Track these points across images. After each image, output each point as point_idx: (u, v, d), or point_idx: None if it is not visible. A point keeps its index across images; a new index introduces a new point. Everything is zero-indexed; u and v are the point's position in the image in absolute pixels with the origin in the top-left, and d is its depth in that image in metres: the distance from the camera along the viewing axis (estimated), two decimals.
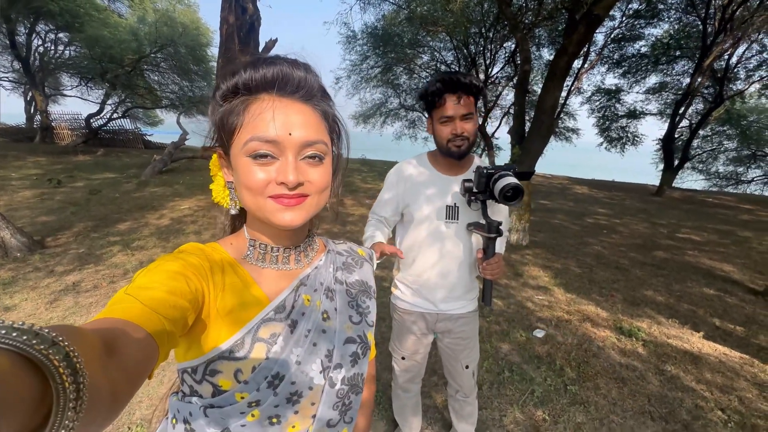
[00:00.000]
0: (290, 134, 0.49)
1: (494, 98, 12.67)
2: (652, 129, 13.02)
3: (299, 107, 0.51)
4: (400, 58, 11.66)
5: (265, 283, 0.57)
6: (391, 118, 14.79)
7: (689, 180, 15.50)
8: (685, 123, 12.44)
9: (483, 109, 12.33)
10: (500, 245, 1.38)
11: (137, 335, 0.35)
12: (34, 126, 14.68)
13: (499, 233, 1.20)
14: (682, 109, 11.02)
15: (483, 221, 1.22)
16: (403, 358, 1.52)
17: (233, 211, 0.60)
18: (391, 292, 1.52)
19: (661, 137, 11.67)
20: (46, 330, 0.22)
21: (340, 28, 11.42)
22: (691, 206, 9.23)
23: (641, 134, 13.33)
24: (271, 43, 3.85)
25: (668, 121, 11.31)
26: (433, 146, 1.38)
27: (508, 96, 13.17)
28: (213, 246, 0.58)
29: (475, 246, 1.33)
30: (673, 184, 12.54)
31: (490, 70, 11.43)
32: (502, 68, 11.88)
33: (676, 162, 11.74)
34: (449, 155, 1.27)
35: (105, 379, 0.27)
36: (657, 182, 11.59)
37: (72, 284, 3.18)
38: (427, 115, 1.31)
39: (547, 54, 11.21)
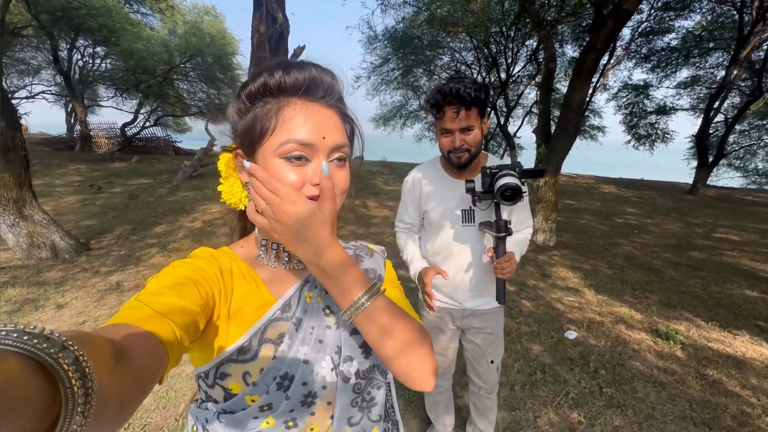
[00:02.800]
0: (324, 138, 0.50)
1: (516, 97, 12.50)
2: (684, 125, 12.51)
3: (327, 112, 0.52)
4: (420, 60, 11.69)
5: (275, 284, 0.58)
6: (411, 120, 14.84)
7: (725, 177, 14.76)
8: (720, 118, 11.87)
9: (504, 109, 12.18)
10: (520, 246, 1.38)
11: (147, 341, 0.35)
12: (74, 136, 15.60)
13: (509, 232, 1.19)
14: (717, 103, 10.53)
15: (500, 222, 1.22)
16: None
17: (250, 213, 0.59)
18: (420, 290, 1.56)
19: (694, 133, 11.18)
20: (57, 334, 0.22)
21: (362, 28, 11.55)
22: (728, 205, 8.78)
23: (672, 131, 12.83)
24: (299, 50, 3.96)
25: (702, 116, 10.82)
26: None
27: (530, 95, 12.97)
28: (223, 250, 0.59)
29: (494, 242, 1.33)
30: (708, 182, 11.97)
31: (511, 69, 11.29)
32: (523, 67, 11.72)
33: (711, 159, 11.20)
34: (451, 165, 1.30)
35: (114, 384, 0.27)
36: (690, 180, 11.10)
37: (115, 284, 3.37)
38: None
39: (571, 51, 10.99)
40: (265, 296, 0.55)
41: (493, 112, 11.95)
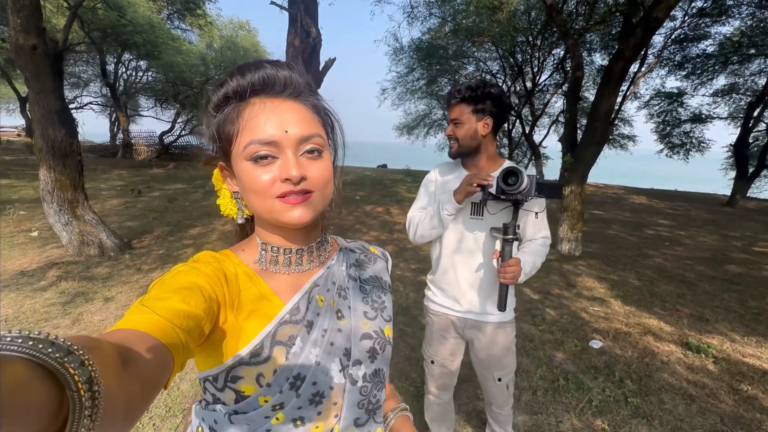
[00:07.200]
0: (286, 132, 0.50)
1: (542, 106, 12.36)
2: (721, 134, 11.92)
3: (290, 105, 0.51)
4: (445, 70, 11.79)
5: (279, 287, 0.57)
6: (434, 129, 14.92)
7: (767, 189, 13.91)
8: (761, 127, 11.28)
9: (530, 118, 12.06)
10: (533, 256, 1.33)
11: (152, 346, 0.35)
12: (117, 143, 16.67)
13: (516, 236, 1.20)
14: (757, 111, 10.02)
15: (508, 224, 1.22)
16: (432, 362, 1.51)
17: (240, 221, 0.61)
18: (424, 294, 1.56)
19: (733, 143, 10.66)
20: (62, 339, 0.22)
21: (388, 41, 11.81)
22: None
23: (708, 140, 12.27)
24: (330, 62, 4.14)
25: (740, 125, 10.32)
26: None
27: (557, 104, 12.79)
28: (225, 253, 0.59)
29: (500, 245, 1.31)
30: (748, 194, 11.33)
31: (537, 77, 11.20)
32: (550, 75, 11.59)
33: (751, 170, 10.64)
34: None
35: (120, 389, 0.27)
36: (728, 192, 10.56)
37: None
38: None
39: (599, 59, 10.80)
40: (273, 300, 0.56)
41: (518, 120, 11.87)
